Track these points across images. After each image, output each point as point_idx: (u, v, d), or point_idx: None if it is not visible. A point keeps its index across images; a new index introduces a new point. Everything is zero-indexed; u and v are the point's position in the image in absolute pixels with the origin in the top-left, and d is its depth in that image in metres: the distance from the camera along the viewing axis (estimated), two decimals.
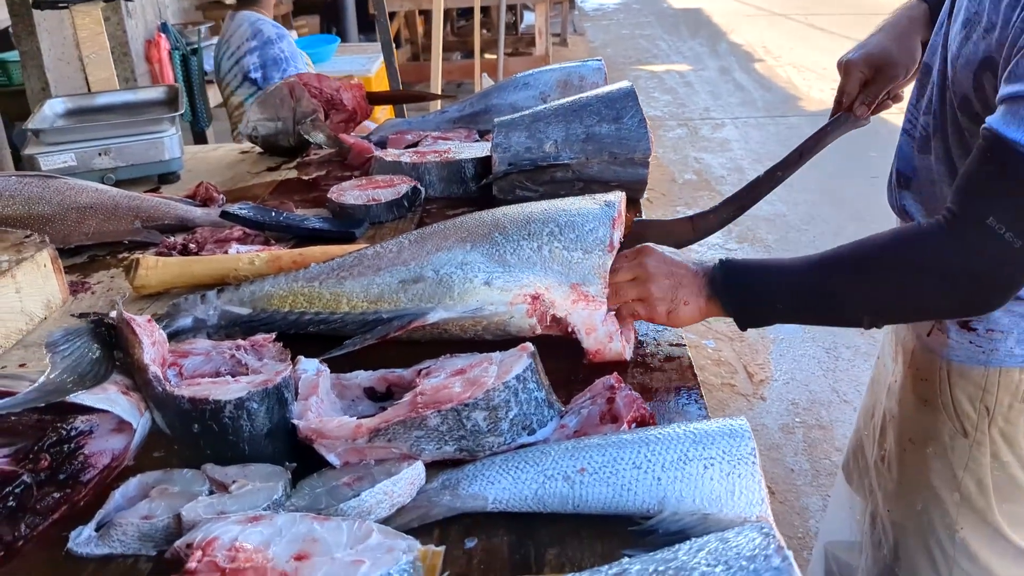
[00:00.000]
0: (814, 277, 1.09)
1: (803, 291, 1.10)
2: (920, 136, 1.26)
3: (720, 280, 1.09)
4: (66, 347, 0.97)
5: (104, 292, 1.45)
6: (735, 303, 1.10)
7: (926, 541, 1.37)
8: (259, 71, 3.52)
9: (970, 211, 0.98)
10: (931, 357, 1.32)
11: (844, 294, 1.08)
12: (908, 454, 1.40)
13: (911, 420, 1.39)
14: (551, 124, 1.65)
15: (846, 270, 1.08)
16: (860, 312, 1.08)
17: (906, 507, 1.40)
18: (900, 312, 1.12)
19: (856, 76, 1.44)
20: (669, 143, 6.97)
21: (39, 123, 2.02)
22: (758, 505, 0.78)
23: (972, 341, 1.25)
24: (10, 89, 3.96)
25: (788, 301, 1.10)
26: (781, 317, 1.12)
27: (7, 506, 0.84)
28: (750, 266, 1.13)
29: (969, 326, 1.24)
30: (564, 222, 1.16)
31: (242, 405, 0.90)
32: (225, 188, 1.92)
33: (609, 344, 1.10)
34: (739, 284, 1.10)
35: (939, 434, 1.33)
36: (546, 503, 0.83)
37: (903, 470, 1.42)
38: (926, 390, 1.34)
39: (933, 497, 1.34)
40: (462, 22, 9.82)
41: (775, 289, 1.11)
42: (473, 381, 0.92)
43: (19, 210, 1.58)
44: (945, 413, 1.31)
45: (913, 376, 1.38)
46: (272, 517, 0.79)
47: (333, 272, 1.21)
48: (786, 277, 1.11)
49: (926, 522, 1.37)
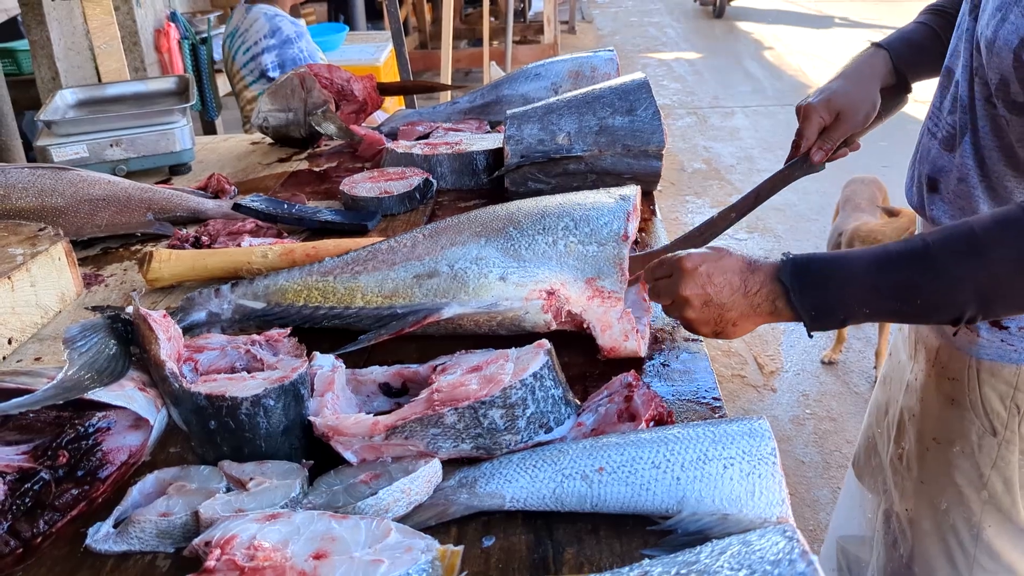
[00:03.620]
0: (913, 268, 0.99)
1: (898, 284, 0.99)
2: (945, 136, 1.25)
3: (790, 287, 1.00)
4: (83, 343, 0.97)
5: (117, 285, 1.46)
6: (809, 308, 1.00)
7: (946, 541, 1.37)
8: (277, 70, 3.51)
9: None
10: (959, 356, 1.30)
11: (953, 282, 0.97)
12: (932, 453, 1.39)
13: (936, 419, 1.38)
14: (564, 116, 1.64)
15: (955, 256, 0.97)
16: (967, 301, 0.98)
17: (927, 506, 1.39)
18: (1000, 305, 1.00)
19: (816, 121, 1.44)
20: (678, 132, 6.94)
21: (51, 114, 2.02)
22: (779, 506, 0.78)
23: (1004, 340, 1.24)
24: (20, 78, 3.96)
25: (877, 296, 1.00)
26: (863, 316, 1.02)
27: (26, 502, 0.84)
28: (823, 267, 1.03)
29: (1001, 324, 1.23)
30: (579, 216, 1.16)
31: (259, 402, 0.90)
32: (236, 179, 1.92)
33: (624, 342, 1.10)
34: (813, 288, 1.00)
35: (966, 433, 1.31)
36: (564, 502, 0.83)
37: (925, 469, 1.40)
38: (953, 389, 1.33)
39: (957, 496, 1.33)
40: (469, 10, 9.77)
41: (859, 286, 1.00)
42: (490, 378, 0.91)
43: (32, 202, 1.58)
44: (973, 412, 1.30)
45: (938, 375, 1.36)
46: (290, 515, 0.79)
47: (347, 266, 1.20)
48: (873, 271, 1.00)
49: (948, 522, 1.36)
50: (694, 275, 1.02)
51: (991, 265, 0.95)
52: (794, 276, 0.99)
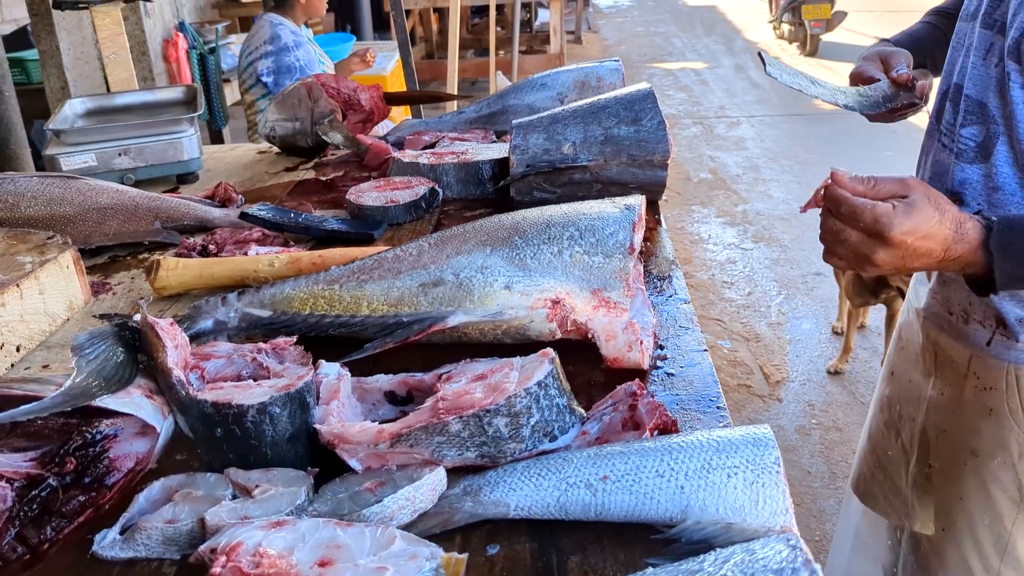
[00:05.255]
0: None
1: None
2: (967, 147, 1.25)
3: (996, 255, 0.98)
4: (91, 350, 0.98)
5: (125, 293, 1.46)
6: (1008, 274, 0.98)
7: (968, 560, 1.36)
8: (271, 76, 3.56)
9: None
10: (996, 364, 1.29)
11: None
12: (969, 468, 1.37)
13: (972, 431, 1.35)
14: (569, 126, 1.65)
15: None
16: None
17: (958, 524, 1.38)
18: None
19: (872, 66, 1.43)
20: (684, 141, 6.95)
21: (60, 123, 2.03)
22: (783, 515, 0.78)
23: (1004, 336, 1.24)
24: (29, 87, 3.99)
25: None
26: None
27: (33, 509, 0.85)
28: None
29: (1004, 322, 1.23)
30: (584, 226, 1.16)
31: (265, 409, 0.90)
32: (243, 188, 1.93)
33: (628, 353, 1.10)
34: (1018, 257, 0.98)
35: (1006, 443, 1.30)
36: (568, 510, 0.83)
37: (962, 484, 1.38)
38: (991, 398, 1.31)
39: (993, 510, 1.33)
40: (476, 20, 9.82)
41: None
42: (494, 387, 0.92)
43: (41, 210, 1.59)
44: (1014, 419, 1.28)
45: (973, 387, 1.34)
46: (295, 522, 0.79)
47: (353, 275, 1.21)
48: None
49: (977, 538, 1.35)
50: (899, 247, 0.97)
51: None
52: (1002, 246, 0.97)
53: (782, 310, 4.14)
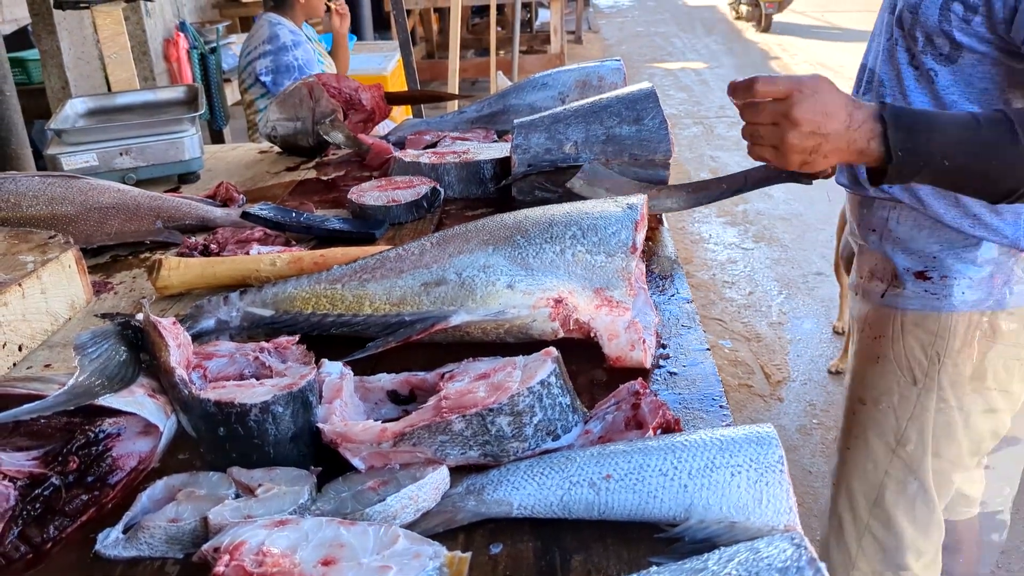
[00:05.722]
0: (998, 133, 1.05)
1: (983, 143, 1.05)
2: None
3: (889, 124, 1.05)
4: (94, 350, 0.98)
5: (127, 292, 1.46)
6: (899, 148, 1.05)
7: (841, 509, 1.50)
8: (269, 75, 3.57)
9: None
10: (886, 313, 1.40)
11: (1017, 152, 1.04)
12: (857, 416, 1.49)
13: (862, 380, 1.47)
14: (571, 125, 1.65)
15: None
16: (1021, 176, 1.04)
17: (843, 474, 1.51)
18: None
19: None
20: (685, 141, 6.95)
21: (61, 123, 2.03)
22: (786, 514, 0.78)
23: (927, 290, 1.34)
24: (30, 87, 3.99)
25: (960, 150, 1.06)
26: (937, 171, 1.08)
27: (36, 508, 0.85)
28: (920, 114, 1.09)
29: (925, 275, 1.33)
30: (587, 225, 1.16)
31: (267, 409, 0.90)
32: (244, 188, 1.93)
33: (631, 352, 1.10)
34: (908, 130, 1.05)
35: (889, 388, 1.41)
36: (571, 509, 0.83)
37: (850, 434, 1.50)
38: (880, 345, 1.42)
39: (869, 458, 1.42)
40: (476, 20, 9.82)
41: (948, 138, 1.06)
42: (497, 386, 0.92)
43: (43, 210, 1.59)
44: (896, 364, 1.39)
45: (867, 338, 1.45)
46: (299, 521, 0.79)
47: (355, 274, 1.21)
48: (961, 127, 1.07)
49: (855, 488, 1.47)
50: (805, 123, 1.05)
51: None
52: (894, 116, 1.05)
53: (783, 310, 4.14)
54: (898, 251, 1.38)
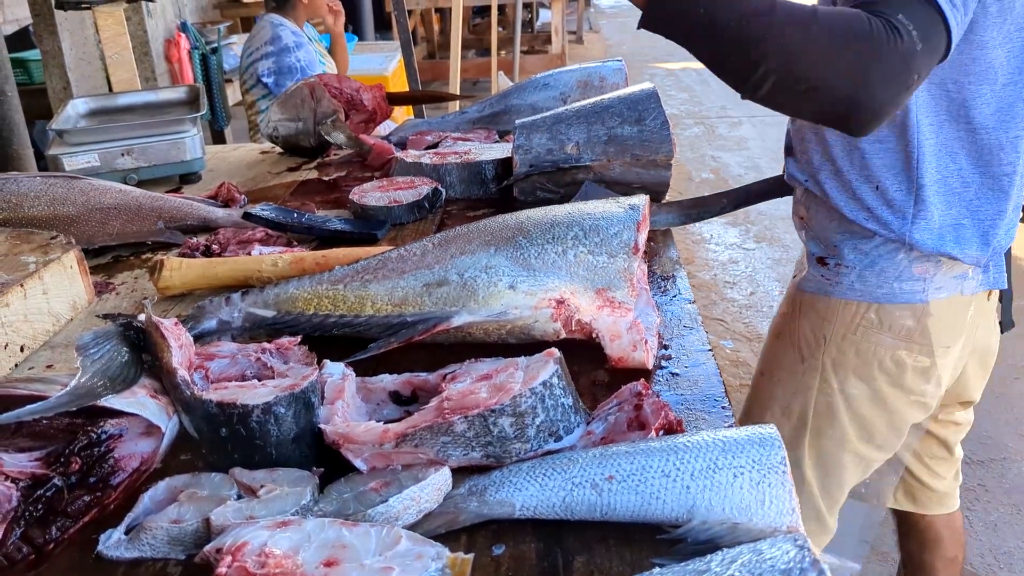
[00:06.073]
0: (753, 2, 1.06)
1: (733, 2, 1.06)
2: None
3: None
4: (96, 350, 0.98)
5: (128, 293, 1.46)
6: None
7: None
8: (271, 76, 3.57)
9: (882, 7, 1.03)
10: (793, 294, 1.49)
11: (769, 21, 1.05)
12: (755, 389, 1.58)
13: (765, 354, 1.57)
14: (572, 125, 1.65)
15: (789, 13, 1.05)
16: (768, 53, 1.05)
17: None
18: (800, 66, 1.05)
19: None
20: (686, 141, 6.94)
21: (63, 124, 2.03)
22: (788, 515, 0.78)
23: (823, 275, 1.40)
24: (31, 88, 3.99)
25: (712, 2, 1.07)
26: (694, 22, 1.09)
27: (38, 509, 0.85)
28: None
29: (824, 261, 1.40)
30: (588, 226, 1.16)
31: (269, 409, 0.90)
32: (246, 188, 1.93)
33: (633, 352, 1.10)
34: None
35: (781, 363, 1.50)
36: (574, 510, 0.83)
37: (748, 407, 1.60)
38: (783, 324, 1.51)
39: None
40: (477, 20, 9.82)
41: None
42: (499, 387, 0.92)
43: (44, 211, 1.59)
44: (790, 340, 1.47)
45: (778, 318, 1.54)
46: (301, 522, 0.79)
47: (357, 275, 1.21)
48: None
49: None
50: None
51: (808, 35, 1.03)
52: None
53: None
54: (811, 239, 1.45)
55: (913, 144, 1.25)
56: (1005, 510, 2.68)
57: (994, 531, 2.59)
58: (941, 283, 1.33)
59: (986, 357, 1.53)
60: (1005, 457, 2.91)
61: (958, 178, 1.27)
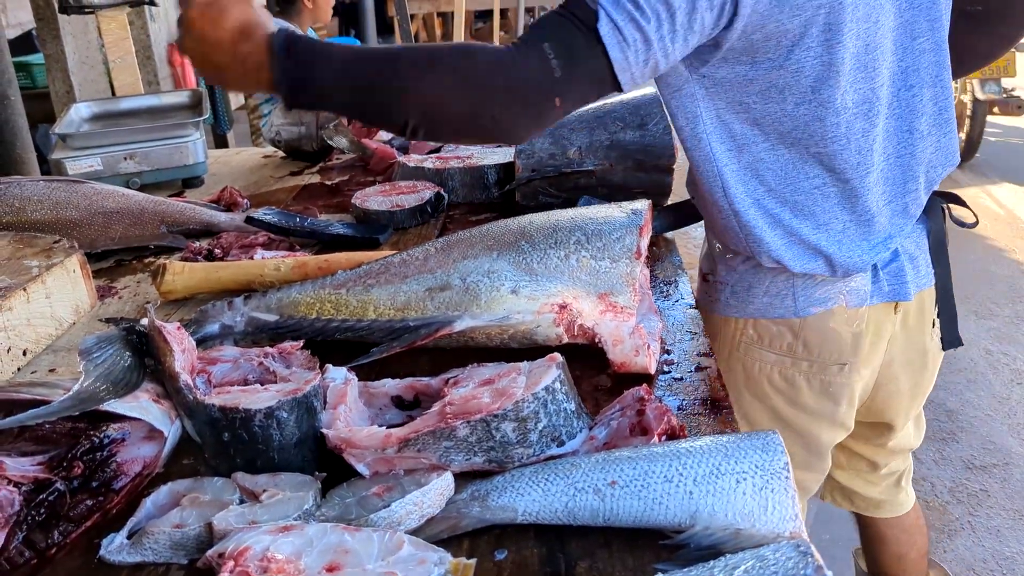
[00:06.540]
0: (383, 64, 1.07)
1: (367, 73, 1.08)
2: None
3: (278, 57, 1.05)
4: (99, 354, 0.98)
5: (131, 297, 1.47)
6: (290, 78, 1.06)
7: None
8: None
9: (533, 35, 1.06)
10: None
11: (406, 85, 1.06)
12: None
13: None
14: (575, 130, 1.65)
15: (415, 66, 1.07)
16: (411, 107, 1.06)
17: None
18: (439, 113, 1.08)
19: None
20: None
21: (66, 128, 2.04)
22: (791, 521, 0.77)
23: (706, 291, 1.41)
24: (34, 92, 4.00)
25: (347, 78, 1.08)
26: (338, 97, 1.10)
27: (40, 513, 0.84)
28: (313, 44, 1.10)
29: (706, 277, 1.40)
30: (591, 231, 1.16)
31: (272, 414, 0.90)
32: (248, 192, 1.93)
33: (635, 357, 1.10)
34: (297, 60, 1.06)
35: None
36: (576, 516, 0.83)
37: None
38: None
39: None
40: (480, 24, 9.83)
41: (336, 66, 1.07)
42: (502, 392, 0.92)
43: (47, 215, 1.59)
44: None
45: None
46: (303, 527, 0.79)
47: (360, 279, 1.21)
48: (351, 57, 1.09)
49: None
50: (192, 30, 1.08)
51: (438, 88, 1.05)
52: (283, 51, 1.05)
53: None
54: (703, 255, 1.45)
55: (716, 171, 1.22)
56: (1007, 515, 2.67)
57: (996, 536, 2.58)
58: (810, 297, 1.28)
59: (915, 375, 1.43)
60: (1008, 462, 2.90)
61: (770, 198, 1.23)
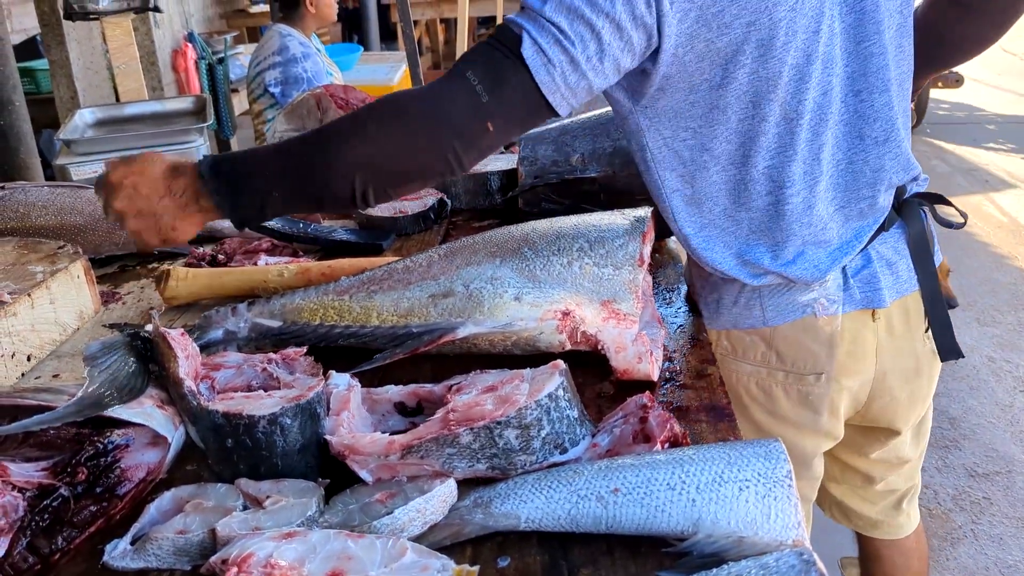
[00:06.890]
0: (307, 148, 1.07)
1: (297, 165, 1.07)
2: None
3: (210, 184, 1.06)
4: (103, 360, 0.98)
5: (135, 302, 1.47)
6: (228, 203, 1.07)
7: None
8: (278, 86, 3.59)
9: (458, 66, 1.06)
10: None
11: (338, 157, 1.06)
12: None
13: None
14: (578, 137, 1.65)
15: (340, 136, 1.07)
16: (353, 175, 1.05)
17: None
18: (383, 166, 1.07)
19: None
20: None
21: (70, 133, 2.05)
22: (794, 529, 0.77)
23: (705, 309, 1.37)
24: (38, 97, 4.01)
25: (282, 179, 1.08)
26: (280, 204, 1.10)
27: (44, 519, 0.85)
28: (235, 160, 1.11)
29: (690, 289, 1.40)
30: (594, 238, 1.16)
31: (275, 420, 0.90)
32: None
33: (638, 364, 1.10)
34: (228, 182, 1.07)
35: None
36: (579, 523, 0.83)
37: None
38: None
39: None
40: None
41: (266, 173, 1.08)
42: (505, 398, 0.92)
43: (52, 220, 1.60)
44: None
45: None
46: (306, 533, 0.79)
47: (363, 285, 1.21)
48: (275, 156, 1.10)
49: None
50: (120, 189, 1.08)
51: (369, 142, 1.05)
52: (211, 173, 1.06)
53: None
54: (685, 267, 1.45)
55: (665, 197, 1.23)
56: (1010, 523, 2.66)
57: (999, 544, 2.57)
58: (778, 306, 1.27)
59: (909, 383, 1.37)
60: (1011, 470, 2.89)
61: (724, 217, 1.22)
